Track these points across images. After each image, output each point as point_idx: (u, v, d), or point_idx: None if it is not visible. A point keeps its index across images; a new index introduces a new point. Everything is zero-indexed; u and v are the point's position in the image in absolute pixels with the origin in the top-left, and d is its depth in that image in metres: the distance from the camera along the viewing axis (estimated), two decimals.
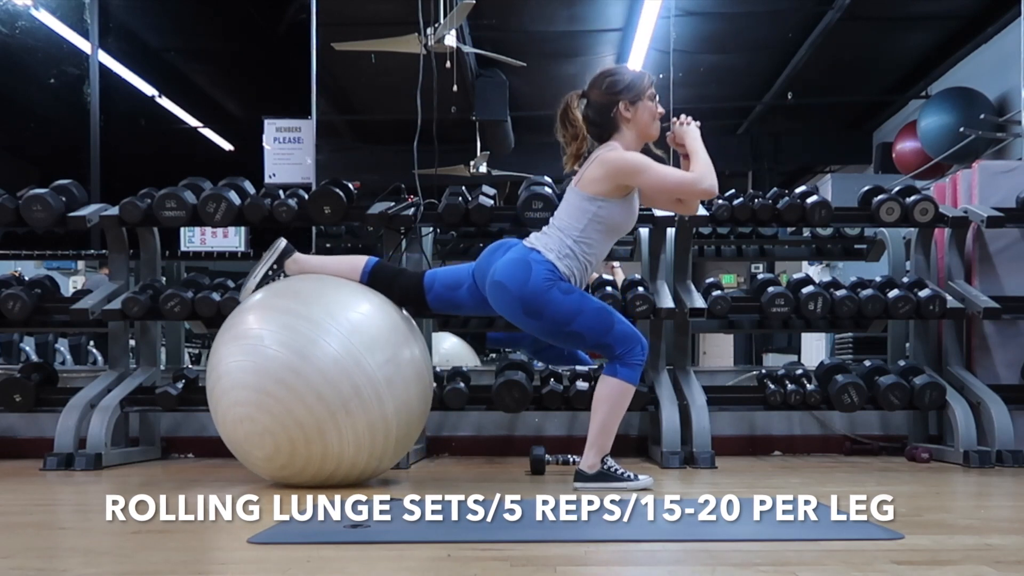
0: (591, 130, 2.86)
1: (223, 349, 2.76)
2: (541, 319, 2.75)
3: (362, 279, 2.93)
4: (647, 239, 4.08)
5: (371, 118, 9.45)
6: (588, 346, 2.82)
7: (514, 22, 7.35)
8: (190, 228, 4.47)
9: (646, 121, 2.83)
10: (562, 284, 2.75)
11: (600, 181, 2.77)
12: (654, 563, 1.69)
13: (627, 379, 2.76)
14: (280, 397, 2.61)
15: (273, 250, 3.03)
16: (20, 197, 3.78)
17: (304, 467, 2.70)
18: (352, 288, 2.88)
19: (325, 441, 2.64)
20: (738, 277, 10.70)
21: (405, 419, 2.79)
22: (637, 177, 2.77)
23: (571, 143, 2.86)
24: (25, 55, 5.53)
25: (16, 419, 4.02)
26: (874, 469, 3.47)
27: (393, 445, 2.79)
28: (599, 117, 2.84)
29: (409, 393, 2.79)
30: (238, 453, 2.82)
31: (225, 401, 2.72)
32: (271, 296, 2.85)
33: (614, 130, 2.83)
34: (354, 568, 1.62)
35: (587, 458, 2.79)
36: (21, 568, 1.62)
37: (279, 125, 4.81)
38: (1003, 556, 1.69)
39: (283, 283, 2.95)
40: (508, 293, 2.75)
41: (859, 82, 8.64)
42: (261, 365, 2.64)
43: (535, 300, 2.72)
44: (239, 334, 2.74)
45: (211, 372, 2.80)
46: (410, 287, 2.95)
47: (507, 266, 2.77)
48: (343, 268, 2.97)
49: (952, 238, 3.99)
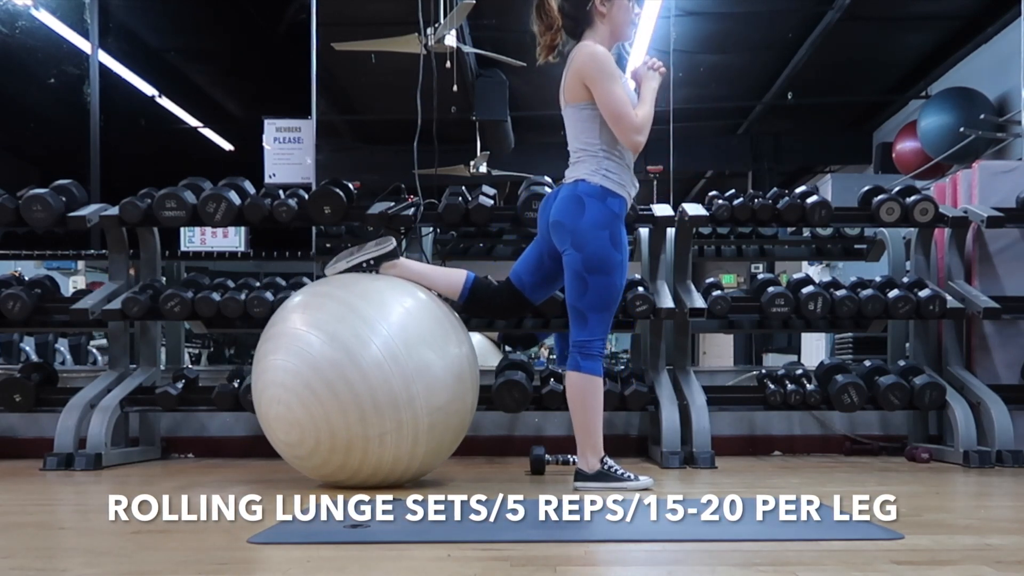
0: (565, 23, 2.83)
1: (293, 326, 2.69)
2: (581, 252, 2.73)
3: (462, 296, 2.96)
4: (647, 239, 4.07)
5: (371, 118, 9.45)
6: (578, 304, 2.74)
7: (514, 22, 7.34)
8: (190, 228, 4.47)
9: (621, 19, 2.81)
10: (616, 233, 2.74)
11: (578, 87, 2.75)
12: (654, 563, 1.69)
13: (590, 371, 2.77)
14: (324, 400, 2.59)
15: (380, 245, 2.97)
16: (20, 197, 3.78)
17: (319, 465, 2.71)
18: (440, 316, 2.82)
19: (348, 456, 2.64)
20: (738, 277, 10.69)
21: (431, 460, 2.82)
22: (593, 82, 2.72)
23: (545, 33, 2.84)
24: (25, 55, 5.54)
25: (16, 419, 4.01)
26: (874, 469, 3.47)
27: (410, 476, 2.81)
28: (575, 10, 2.81)
29: (445, 440, 2.79)
30: (263, 424, 2.81)
31: (270, 377, 2.69)
32: (359, 297, 2.76)
33: (588, 25, 2.81)
34: (354, 568, 1.62)
35: (582, 459, 2.80)
36: (21, 568, 1.61)
37: (279, 125, 4.81)
38: (1003, 556, 1.69)
39: (377, 285, 2.85)
40: (564, 227, 2.76)
41: (859, 82, 8.64)
42: (319, 364, 2.60)
43: (585, 234, 2.72)
44: (314, 321, 2.67)
45: (274, 337, 2.73)
46: (508, 296, 2.99)
47: (562, 204, 2.79)
48: (441, 284, 2.97)
49: (952, 238, 3.99)
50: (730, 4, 7.14)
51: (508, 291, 3.01)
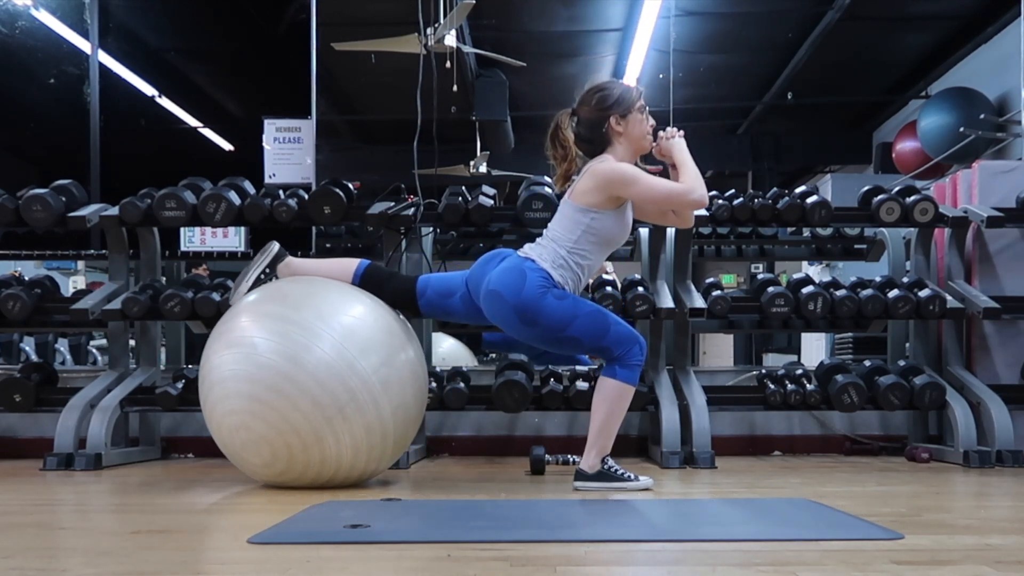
0: (583, 147, 2.86)
1: (215, 357, 2.73)
2: (537, 326, 2.74)
3: (353, 282, 2.93)
4: (647, 239, 4.08)
5: (371, 118, 9.46)
6: (586, 350, 2.82)
7: (514, 22, 7.35)
8: (190, 228, 4.47)
9: (638, 134, 2.84)
10: (556, 291, 2.74)
11: (592, 192, 2.77)
12: (654, 563, 1.68)
13: (626, 380, 2.76)
14: (275, 405, 2.60)
15: (265, 253, 3.01)
16: (20, 197, 3.78)
17: (303, 472, 2.69)
18: (344, 291, 2.86)
19: (323, 446, 2.63)
20: (738, 277, 10.71)
21: (402, 419, 2.79)
22: (628, 188, 2.77)
23: (560, 163, 2.87)
24: (25, 55, 5.53)
25: (16, 419, 4.02)
26: (874, 469, 3.47)
27: (391, 446, 2.79)
28: (590, 133, 2.84)
29: (405, 394, 2.78)
30: (235, 461, 2.80)
31: (220, 410, 2.71)
32: (262, 301, 2.82)
33: (606, 145, 2.84)
34: (354, 568, 1.61)
35: (587, 458, 2.79)
36: (21, 568, 1.61)
37: (279, 125, 4.81)
38: (1003, 556, 1.69)
39: (274, 286, 2.91)
40: (504, 302, 2.74)
41: (859, 82, 8.65)
42: (254, 373, 2.62)
43: (530, 307, 2.72)
44: (231, 340, 2.71)
45: (204, 379, 2.78)
46: (402, 291, 2.95)
47: (502, 275, 2.77)
48: (335, 271, 2.95)
49: (952, 238, 3.99)
50: (730, 4, 7.14)
51: (403, 287, 2.95)
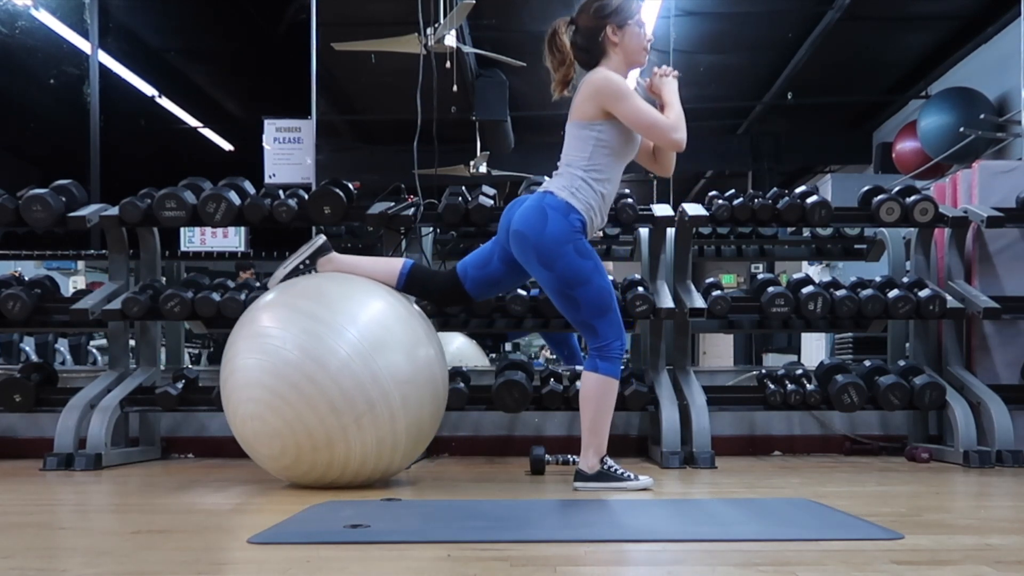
0: (579, 56, 2.86)
1: (241, 343, 2.72)
2: (552, 271, 2.74)
3: (399, 282, 2.94)
4: (647, 239, 4.07)
5: (371, 118, 9.46)
6: (578, 318, 2.78)
7: (514, 22, 7.35)
8: (190, 228, 4.47)
9: (634, 46, 2.83)
10: (580, 244, 2.74)
11: (587, 103, 2.77)
12: (654, 563, 1.68)
13: (608, 373, 2.77)
14: (293, 403, 2.59)
15: (309, 245, 3.00)
16: (20, 197, 3.78)
17: (309, 470, 2.70)
18: (377, 294, 2.83)
19: (332, 451, 2.63)
20: (738, 277, 10.71)
21: (415, 436, 2.79)
22: (616, 103, 2.75)
23: (558, 69, 2.86)
24: (25, 55, 5.54)
25: (16, 419, 4.02)
26: (874, 469, 3.47)
27: (400, 457, 2.80)
28: (587, 42, 2.84)
29: (423, 412, 2.77)
30: (245, 446, 2.81)
31: (237, 397, 2.71)
32: (298, 296, 2.78)
33: (601, 55, 2.83)
34: (354, 568, 1.61)
35: (585, 459, 2.79)
36: (21, 568, 1.61)
37: (279, 125, 4.82)
38: (1003, 556, 1.69)
39: (314, 282, 2.87)
40: (526, 241, 2.76)
41: (859, 82, 8.65)
42: (278, 368, 2.60)
43: (550, 251, 2.73)
44: (259, 331, 2.70)
45: (226, 364, 2.77)
46: (447, 284, 2.97)
47: (524, 214, 2.79)
48: (379, 271, 2.95)
49: (952, 238, 3.99)
50: (730, 4, 7.15)
51: (449, 280, 2.98)
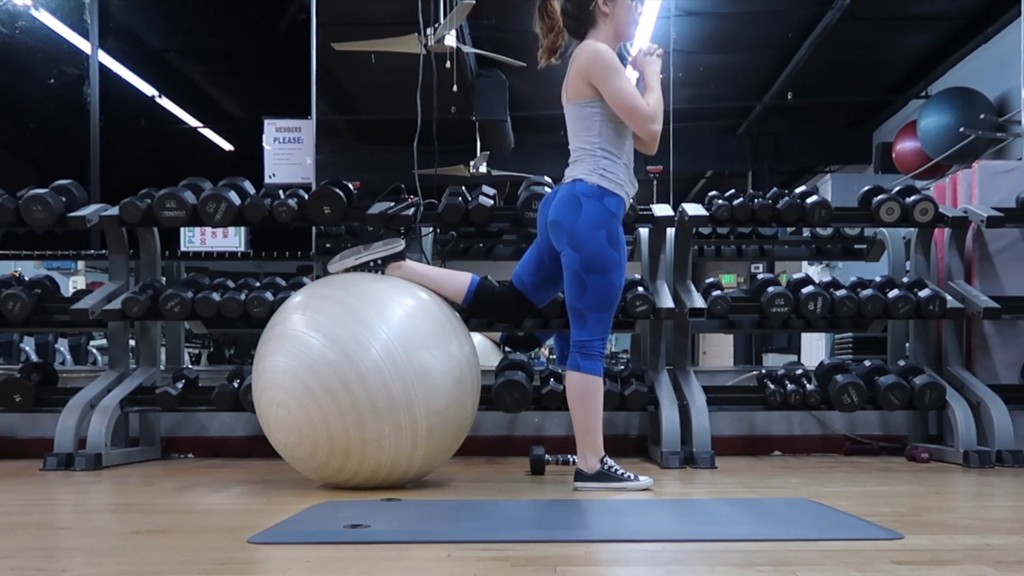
0: (568, 23, 2.84)
1: (291, 327, 2.67)
2: (578, 251, 2.74)
3: (466, 300, 2.95)
4: (647, 239, 4.07)
5: (371, 118, 9.46)
6: (577, 304, 2.76)
7: (514, 22, 7.35)
8: (190, 228, 4.47)
9: (624, 19, 2.81)
10: (613, 232, 2.74)
11: (579, 81, 2.76)
12: (654, 563, 1.68)
13: (590, 371, 2.78)
14: (323, 404, 2.58)
15: (387, 245, 2.97)
16: (20, 197, 3.78)
17: (318, 467, 2.71)
18: (443, 321, 2.80)
19: (347, 459, 2.64)
20: (738, 277, 10.70)
21: (430, 463, 2.81)
22: (602, 78, 2.72)
23: (547, 35, 2.85)
24: (25, 55, 5.54)
25: (16, 419, 4.02)
26: (874, 469, 3.47)
27: (409, 478, 2.81)
28: (577, 10, 2.81)
29: (444, 444, 2.78)
30: (264, 426, 2.80)
31: (269, 378, 2.68)
32: (361, 299, 2.73)
33: (591, 24, 2.81)
34: (354, 568, 1.61)
35: (583, 459, 2.79)
36: (21, 568, 1.61)
37: (279, 125, 4.82)
38: (1003, 556, 1.69)
39: (382, 289, 2.81)
40: (561, 228, 2.77)
41: (859, 82, 8.64)
42: (319, 368, 2.59)
43: (582, 234, 2.73)
44: (315, 323, 2.65)
45: (270, 338, 2.73)
46: (511, 298, 3.00)
47: (559, 205, 2.79)
48: (445, 286, 2.95)
49: (952, 238, 3.99)
50: (730, 4, 7.15)
51: (511, 293, 3.02)
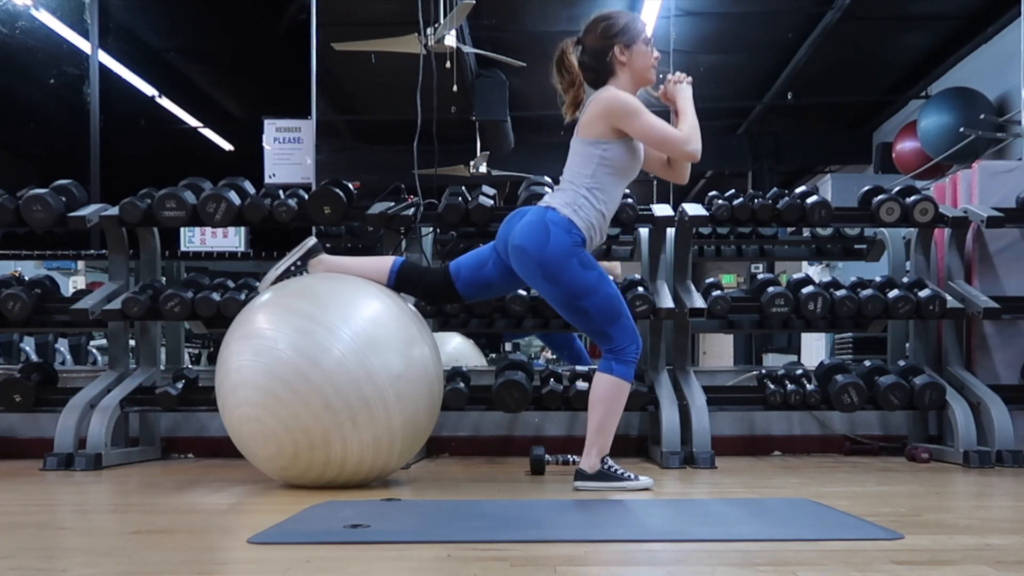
0: (587, 76, 2.86)
1: (235, 345, 2.73)
2: (558, 285, 2.75)
3: (389, 280, 2.93)
4: (647, 239, 4.07)
5: (371, 118, 9.46)
6: (590, 328, 2.79)
7: (514, 22, 7.36)
8: (190, 228, 4.47)
9: (642, 65, 2.84)
10: (583, 256, 2.75)
11: (596, 122, 2.78)
12: (654, 563, 1.68)
13: (622, 376, 2.77)
14: (288, 402, 2.60)
15: (301, 247, 3.01)
16: (20, 197, 3.78)
17: (306, 470, 2.70)
18: (370, 293, 2.84)
19: (329, 449, 2.63)
20: (738, 277, 10.71)
21: (411, 432, 2.79)
22: (628, 120, 2.76)
23: (568, 90, 2.87)
24: (25, 55, 5.54)
25: (16, 419, 4.02)
26: (874, 469, 3.47)
27: (397, 455, 2.80)
28: (595, 62, 2.84)
29: (418, 406, 2.77)
30: (242, 449, 2.81)
31: (233, 398, 2.71)
32: (288, 296, 2.80)
33: (610, 75, 2.84)
34: (354, 568, 1.61)
35: (587, 458, 2.79)
36: (21, 568, 1.61)
37: (279, 125, 4.82)
38: (1003, 556, 1.69)
39: (304, 282, 2.89)
40: (528, 256, 2.76)
41: (859, 82, 8.64)
42: (272, 367, 2.61)
43: (554, 265, 2.73)
44: (252, 332, 2.71)
45: (221, 366, 2.78)
46: (438, 282, 2.97)
47: (526, 229, 2.78)
48: (369, 270, 2.95)
49: (952, 238, 3.99)
50: (730, 4, 7.15)
51: (438, 276, 2.98)
